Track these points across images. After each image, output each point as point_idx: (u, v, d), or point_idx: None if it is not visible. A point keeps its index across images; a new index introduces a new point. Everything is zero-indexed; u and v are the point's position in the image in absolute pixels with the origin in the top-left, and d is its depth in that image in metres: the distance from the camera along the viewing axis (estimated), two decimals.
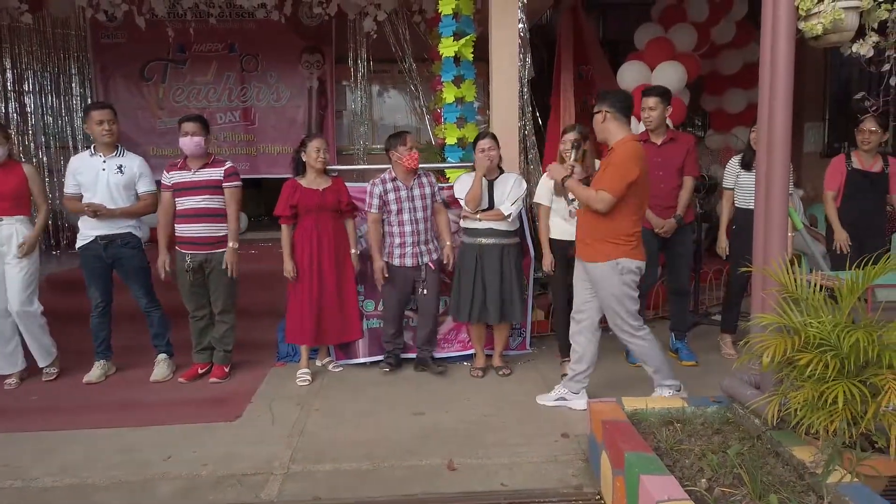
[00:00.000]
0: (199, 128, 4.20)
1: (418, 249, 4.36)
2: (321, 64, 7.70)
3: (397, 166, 4.34)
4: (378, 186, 4.33)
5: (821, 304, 2.58)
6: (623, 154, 3.43)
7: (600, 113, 3.56)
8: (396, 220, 4.34)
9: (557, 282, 4.36)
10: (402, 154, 4.29)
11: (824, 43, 2.94)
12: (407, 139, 4.34)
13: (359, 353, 4.64)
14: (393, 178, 4.34)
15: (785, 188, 2.99)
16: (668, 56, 5.68)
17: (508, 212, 4.26)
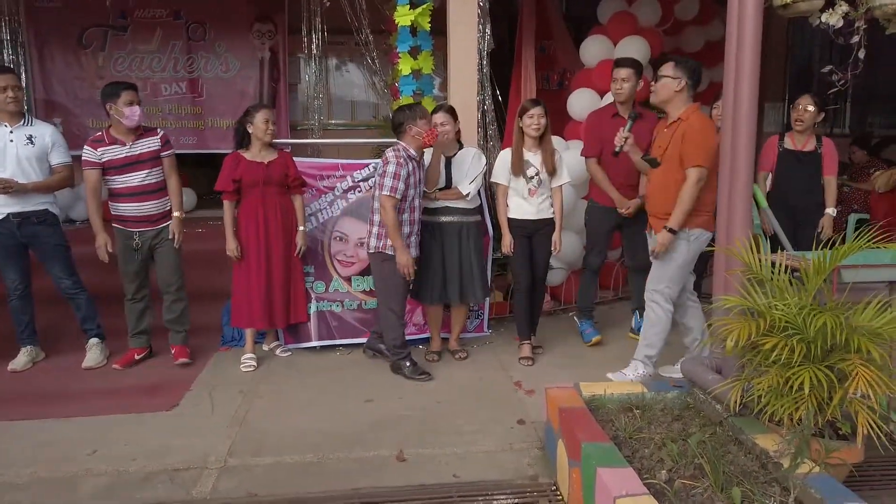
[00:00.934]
0: (138, 96, 3.93)
1: (416, 238, 3.98)
2: (273, 34, 7.35)
3: (414, 142, 3.83)
4: (405, 168, 3.73)
5: (786, 286, 2.46)
6: (700, 123, 3.40)
7: (675, 80, 3.42)
8: (409, 206, 3.84)
9: (517, 262, 4.19)
10: (422, 129, 3.80)
11: (793, 12, 2.81)
12: (426, 112, 3.89)
13: (310, 337, 4.41)
14: (412, 157, 3.83)
15: (750, 166, 2.86)
16: (631, 30, 5.51)
17: (467, 191, 4.06)
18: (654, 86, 3.49)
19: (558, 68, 7.10)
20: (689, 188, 3.36)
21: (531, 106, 4.06)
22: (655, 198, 3.56)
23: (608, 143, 4.30)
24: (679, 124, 3.40)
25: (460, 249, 4.11)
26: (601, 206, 4.37)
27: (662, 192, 3.48)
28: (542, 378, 3.86)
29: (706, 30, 6.69)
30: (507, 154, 4.14)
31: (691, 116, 3.40)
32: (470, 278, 4.14)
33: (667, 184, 3.45)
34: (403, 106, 3.95)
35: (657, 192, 3.54)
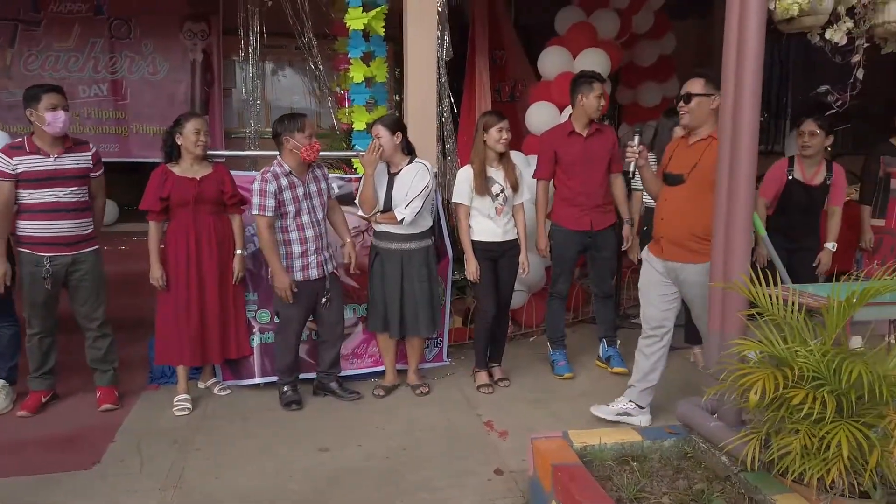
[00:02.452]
0: (65, 100, 3.42)
1: (323, 257, 3.67)
2: (206, 34, 6.82)
3: (292, 156, 3.55)
4: (272, 183, 3.48)
5: (802, 328, 2.23)
6: None
7: (710, 97, 3.08)
8: (295, 224, 3.58)
9: (483, 289, 3.87)
10: (300, 143, 3.52)
11: (796, 27, 2.62)
12: (306, 124, 3.58)
13: (252, 373, 3.95)
14: (287, 172, 3.55)
15: (751, 192, 2.63)
16: (590, 42, 5.32)
17: (402, 216, 3.64)
18: (685, 107, 3.11)
19: (510, 79, 6.86)
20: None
21: (497, 120, 3.77)
22: (679, 221, 3.17)
23: (566, 164, 4.07)
24: (710, 143, 3.05)
25: (402, 279, 3.74)
26: (566, 230, 4.10)
27: (688, 215, 3.12)
28: (513, 416, 3.56)
29: (660, 43, 6.61)
30: (468, 172, 3.83)
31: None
32: (413, 312, 3.76)
33: (691, 207, 3.11)
34: (284, 116, 3.63)
35: (681, 215, 3.16)
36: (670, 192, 3.25)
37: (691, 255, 3.15)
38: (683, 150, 3.27)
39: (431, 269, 3.85)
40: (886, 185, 4.46)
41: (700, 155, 3.12)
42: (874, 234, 4.49)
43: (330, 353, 3.82)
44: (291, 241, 3.59)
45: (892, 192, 4.44)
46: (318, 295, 3.68)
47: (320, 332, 3.86)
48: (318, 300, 3.69)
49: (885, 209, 4.48)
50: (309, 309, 3.71)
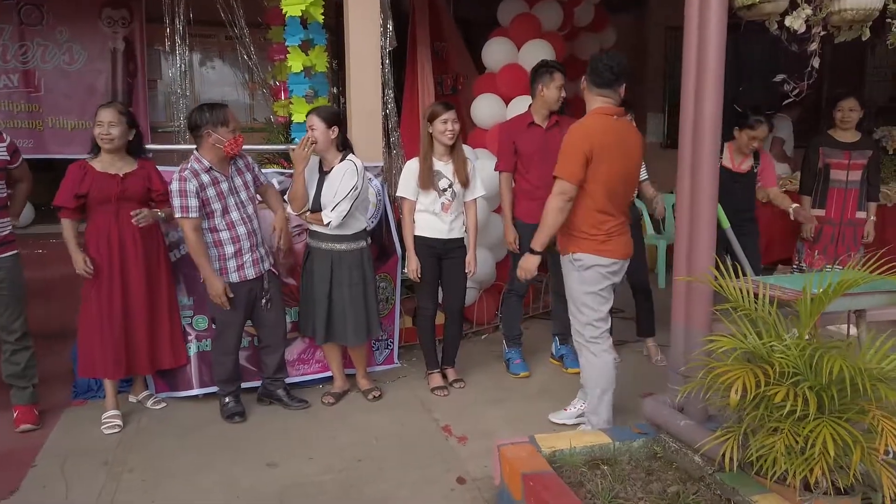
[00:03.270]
0: None
1: (258, 254, 3.42)
2: (128, 21, 6.37)
3: (213, 151, 3.26)
4: (191, 181, 3.18)
5: (776, 322, 2.17)
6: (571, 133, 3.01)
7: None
8: (224, 223, 3.30)
9: (424, 288, 3.72)
10: (223, 137, 3.22)
11: (755, 14, 2.58)
12: (230, 116, 3.29)
13: (190, 384, 3.67)
14: (208, 168, 3.26)
15: (714, 182, 2.58)
16: (534, 34, 5.23)
17: (328, 220, 3.41)
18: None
19: (451, 72, 6.71)
20: (550, 201, 3.03)
21: (443, 110, 3.60)
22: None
23: (525, 156, 3.96)
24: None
25: (331, 282, 3.50)
26: (525, 224, 3.97)
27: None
28: (471, 419, 3.42)
29: (600, 37, 6.59)
30: (414, 165, 3.66)
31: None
32: (341, 318, 3.52)
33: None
34: (203, 106, 3.33)
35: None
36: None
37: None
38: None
39: (366, 272, 3.59)
40: (826, 176, 4.53)
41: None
42: (814, 224, 4.57)
43: (273, 358, 3.58)
44: (223, 241, 3.32)
45: (831, 183, 4.52)
46: (256, 296, 3.44)
47: (261, 335, 3.63)
48: (256, 302, 3.45)
49: (825, 199, 4.56)
50: (247, 312, 3.46)
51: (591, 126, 2.94)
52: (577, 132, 2.94)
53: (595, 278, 2.97)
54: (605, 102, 2.98)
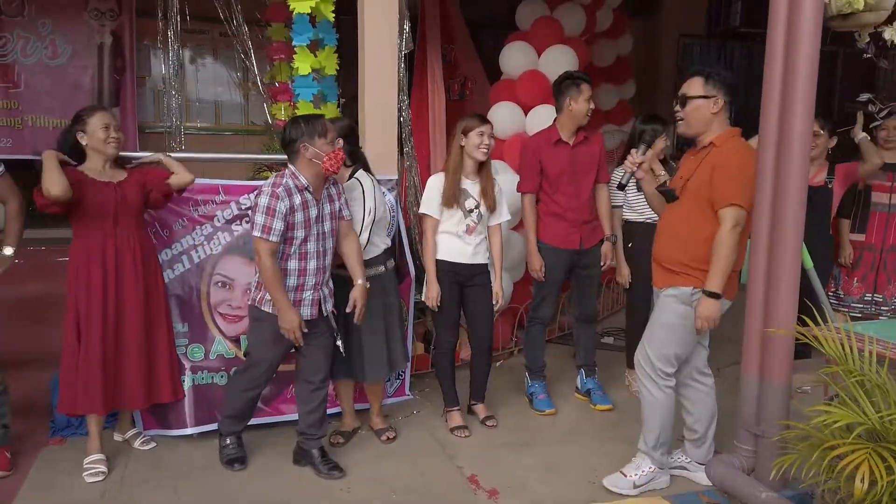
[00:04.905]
0: None
1: (321, 293, 2.95)
2: (116, 14, 5.98)
3: (311, 167, 2.81)
4: (284, 201, 2.74)
5: (887, 387, 1.85)
6: (739, 151, 2.65)
7: (709, 99, 2.65)
8: (298, 253, 2.85)
9: (444, 316, 3.38)
10: (322, 150, 2.78)
11: (853, 24, 2.27)
12: (329, 126, 2.85)
13: (184, 421, 3.28)
14: (304, 187, 2.82)
15: (800, 219, 2.27)
16: (557, 39, 4.90)
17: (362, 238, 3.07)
18: (681, 111, 2.70)
19: (459, 76, 6.37)
20: (726, 235, 2.55)
21: (480, 122, 3.28)
22: (667, 244, 2.77)
23: (553, 176, 3.63)
24: (710, 151, 2.66)
25: (347, 314, 3.08)
26: (552, 248, 3.65)
27: (672, 234, 2.74)
28: (499, 467, 3.08)
29: (617, 43, 6.28)
30: (439, 179, 3.33)
31: (728, 142, 2.66)
32: (358, 353, 3.16)
33: (678, 224, 2.71)
34: (299, 118, 2.92)
35: (670, 237, 2.76)
36: (666, 209, 2.86)
37: (669, 278, 2.74)
38: (687, 160, 2.84)
39: (388, 299, 3.25)
40: (866, 199, 4.25)
41: (697, 165, 2.70)
42: (853, 250, 4.28)
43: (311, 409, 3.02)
44: (287, 272, 2.86)
45: (872, 206, 4.24)
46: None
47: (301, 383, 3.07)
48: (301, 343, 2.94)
49: (866, 224, 4.27)
50: (287, 353, 3.04)
51: (751, 149, 2.65)
52: (747, 153, 2.63)
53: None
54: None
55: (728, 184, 2.56)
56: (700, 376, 2.84)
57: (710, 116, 2.66)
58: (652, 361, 2.73)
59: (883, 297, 4.21)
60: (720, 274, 2.55)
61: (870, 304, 4.23)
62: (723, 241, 2.54)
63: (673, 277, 2.71)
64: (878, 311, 4.22)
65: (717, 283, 2.55)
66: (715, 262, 2.55)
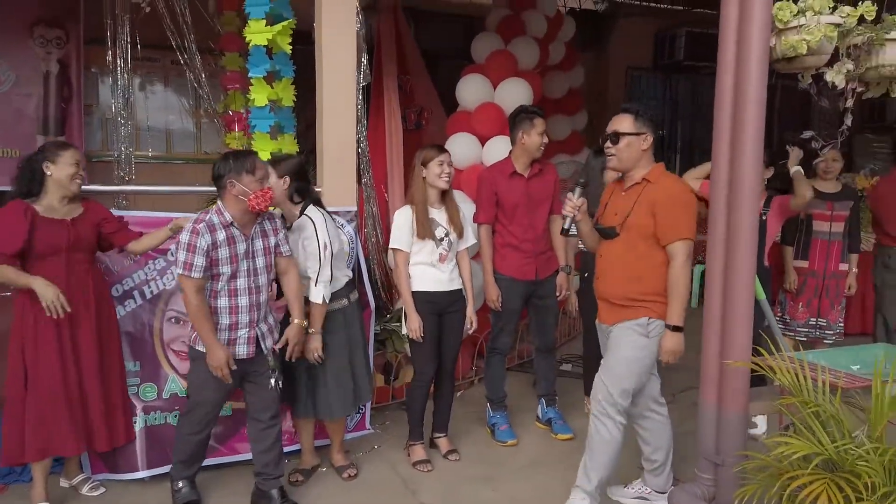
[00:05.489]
0: None
1: (257, 331, 2.89)
2: (63, 42, 5.81)
3: (236, 204, 2.77)
4: (205, 237, 2.69)
5: (840, 416, 1.91)
6: (679, 186, 2.75)
7: (640, 136, 2.71)
8: (226, 289, 2.79)
9: (425, 348, 3.34)
10: (249, 188, 2.72)
11: (797, 66, 2.37)
12: (257, 163, 2.79)
13: (135, 464, 3.15)
14: (228, 223, 2.78)
15: (753, 250, 2.34)
16: (511, 72, 5.00)
17: (319, 297, 2.98)
18: (613, 148, 2.74)
19: (416, 106, 6.42)
20: (681, 270, 2.63)
21: (438, 152, 3.31)
22: (614, 280, 2.80)
23: (508, 207, 3.68)
24: (645, 187, 2.72)
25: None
26: (507, 279, 3.68)
27: (620, 270, 2.77)
28: (463, 501, 3.07)
29: (568, 76, 6.45)
30: (407, 213, 3.33)
31: (662, 178, 2.73)
32: (323, 390, 3.10)
33: (625, 260, 2.74)
34: (229, 154, 2.85)
35: (616, 273, 2.78)
36: (605, 247, 2.87)
37: (621, 314, 2.77)
38: (618, 197, 2.87)
39: (352, 333, 3.21)
40: (808, 227, 4.43)
41: (633, 202, 2.74)
42: (797, 276, 4.45)
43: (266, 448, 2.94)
44: (219, 310, 2.80)
45: (814, 234, 4.42)
46: (243, 376, 2.91)
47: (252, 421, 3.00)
48: (242, 382, 2.93)
49: (808, 251, 4.44)
50: (229, 392, 2.95)
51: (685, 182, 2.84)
52: (684, 187, 2.77)
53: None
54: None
55: (676, 219, 2.63)
56: (656, 405, 2.88)
57: (640, 153, 2.73)
58: (614, 398, 2.72)
59: (827, 322, 4.37)
60: (682, 307, 2.62)
61: (814, 328, 4.39)
62: (679, 275, 2.63)
63: (624, 312, 2.75)
64: (823, 334, 4.38)
65: (679, 316, 2.62)
66: (675, 297, 2.62)
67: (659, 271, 2.69)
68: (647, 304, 2.71)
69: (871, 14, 2.42)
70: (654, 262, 2.68)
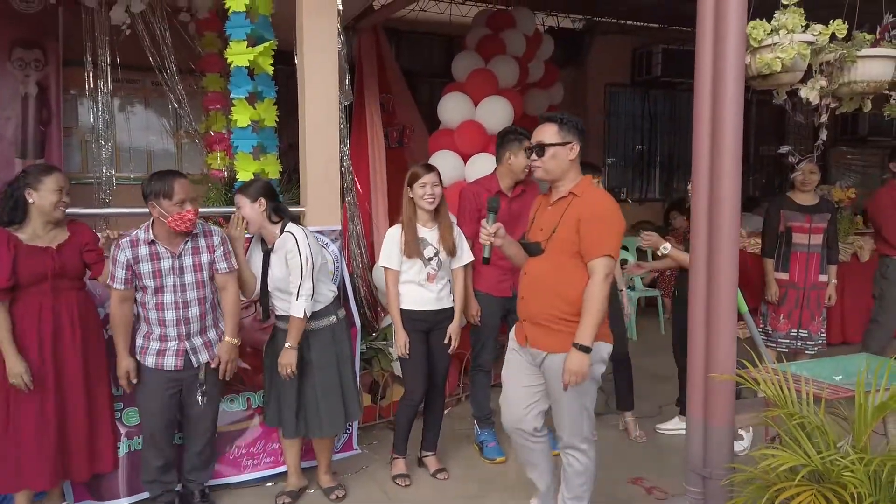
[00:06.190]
0: None
1: (187, 345, 2.96)
2: (42, 65, 5.77)
3: (159, 224, 2.90)
4: (125, 252, 2.85)
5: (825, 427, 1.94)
6: (605, 200, 2.63)
7: (566, 146, 2.58)
8: (154, 302, 2.91)
9: (413, 366, 3.35)
10: (167, 211, 2.84)
11: (772, 83, 2.43)
12: (176, 187, 2.84)
13: (116, 491, 3.11)
14: (151, 241, 2.89)
15: (735, 265, 2.37)
16: (492, 90, 5.05)
17: (301, 312, 3.00)
18: (538, 160, 2.60)
19: (398, 124, 6.46)
20: (599, 287, 2.49)
21: (423, 172, 3.31)
22: (541, 300, 2.61)
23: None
24: (572, 201, 2.58)
25: (301, 366, 3.09)
26: (485, 295, 3.69)
27: (549, 290, 2.60)
28: None
29: (548, 93, 6.51)
30: (396, 232, 3.34)
31: (588, 191, 2.60)
32: (314, 407, 3.11)
33: (554, 279, 2.59)
34: (154, 175, 2.95)
35: (543, 292, 2.61)
36: (530, 264, 2.71)
37: (556, 339, 2.59)
38: (544, 211, 2.73)
39: (341, 350, 3.22)
40: (788, 240, 4.49)
41: (560, 217, 2.61)
42: (778, 288, 4.50)
43: (191, 451, 3.12)
44: (150, 321, 2.95)
45: (793, 247, 4.47)
46: (181, 389, 3.00)
47: (183, 430, 3.15)
48: (184, 395, 3.01)
49: (788, 263, 4.50)
50: (171, 403, 3.00)
51: (611, 197, 2.70)
52: (611, 202, 2.64)
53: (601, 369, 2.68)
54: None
55: (600, 235, 2.52)
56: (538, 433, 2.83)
57: (567, 163, 2.61)
58: (583, 430, 2.65)
59: (808, 333, 4.42)
60: (594, 327, 2.48)
61: (795, 339, 4.45)
62: (596, 292, 2.49)
63: (559, 338, 2.58)
64: (805, 345, 4.44)
65: (590, 336, 2.48)
66: (588, 316, 2.48)
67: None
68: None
69: (843, 32, 2.49)
70: (583, 281, 2.53)
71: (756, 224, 6.39)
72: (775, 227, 4.53)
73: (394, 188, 5.19)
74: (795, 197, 4.49)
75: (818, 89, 2.42)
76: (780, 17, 2.41)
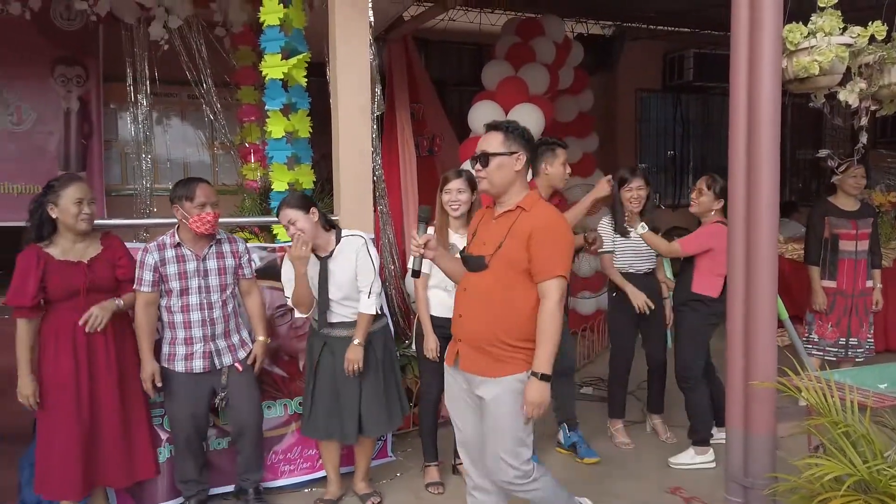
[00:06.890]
0: None
1: (212, 347, 3.06)
2: (83, 80, 5.95)
3: (184, 227, 3.04)
4: (152, 255, 2.97)
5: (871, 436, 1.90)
6: (556, 217, 2.44)
7: (512, 155, 2.38)
8: (179, 305, 3.02)
9: (432, 367, 3.35)
10: (188, 213, 2.97)
11: (809, 87, 2.39)
12: (197, 191, 2.97)
13: (155, 497, 3.17)
14: (177, 244, 3.02)
15: (774, 270, 2.34)
16: (522, 97, 5.06)
17: (372, 308, 3.06)
18: (483, 170, 2.41)
19: (428, 133, 6.50)
20: (554, 310, 2.30)
21: (452, 178, 3.31)
22: (482, 319, 2.39)
23: None
24: (518, 215, 2.39)
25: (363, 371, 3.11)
26: None
27: (493, 311, 2.38)
28: None
29: (578, 100, 6.50)
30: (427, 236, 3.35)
31: (537, 206, 2.42)
32: (369, 410, 3.13)
33: (496, 298, 2.38)
34: (180, 181, 3.11)
35: (484, 311, 2.39)
36: (470, 280, 2.48)
37: (493, 364, 2.38)
38: (487, 225, 2.51)
39: (391, 352, 3.31)
40: (834, 246, 4.35)
41: (506, 232, 2.39)
42: (826, 296, 4.38)
43: (243, 454, 3.24)
44: (175, 324, 3.05)
45: (840, 254, 4.33)
46: (211, 392, 3.11)
47: (232, 433, 3.27)
48: (213, 398, 3.12)
49: (836, 271, 4.37)
50: (200, 407, 3.11)
51: (560, 212, 2.56)
52: (561, 218, 2.47)
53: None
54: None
55: (552, 255, 2.33)
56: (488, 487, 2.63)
57: (513, 174, 2.40)
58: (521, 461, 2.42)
59: (857, 340, 4.30)
60: (552, 354, 2.30)
61: (844, 347, 4.31)
62: (551, 317, 2.30)
63: (498, 364, 2.37)
64: (854, 353, 4.30)
65: (548, 363, 2.29)
66: (545, 341, 2.29)
67: (535, 312, 2.34)
68: (525, 351, 2.35)
69: (882, 33, 2.44)
70: (530, 301, 2.35)
71: (793, 230, 6.26)
72: (820, 234, 4.39)
73: (424, 197, 5.23)
74: (838, 202, 4.34)
75: (857, 92, 2.38)
76: (816, 19, 2.39)
